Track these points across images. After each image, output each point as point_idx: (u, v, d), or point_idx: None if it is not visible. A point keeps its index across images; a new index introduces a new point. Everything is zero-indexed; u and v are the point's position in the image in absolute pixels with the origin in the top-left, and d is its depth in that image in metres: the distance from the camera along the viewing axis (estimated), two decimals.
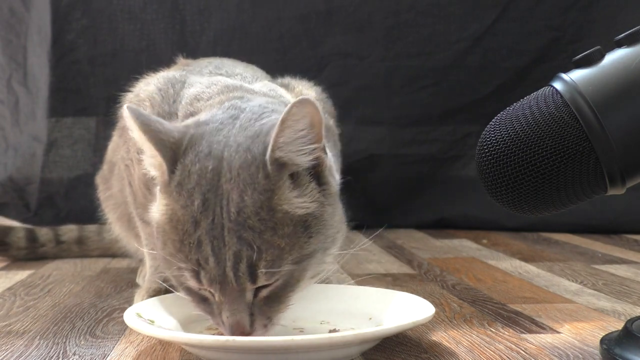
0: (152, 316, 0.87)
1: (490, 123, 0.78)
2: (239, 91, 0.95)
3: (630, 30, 0.74)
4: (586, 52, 0.75)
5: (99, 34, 2.01)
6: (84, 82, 2.02)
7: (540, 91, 0.77)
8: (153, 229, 0.83)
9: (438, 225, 1.97)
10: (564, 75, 0.75)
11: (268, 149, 0.76)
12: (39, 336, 0.93)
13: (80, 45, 2.01)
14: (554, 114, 0.74)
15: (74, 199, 1.99)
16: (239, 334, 0.77)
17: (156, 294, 1.01)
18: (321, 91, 1.15)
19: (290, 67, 1.70)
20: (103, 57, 2.02)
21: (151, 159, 0.81)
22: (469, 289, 1.18)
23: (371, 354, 0.82)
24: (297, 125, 0.76)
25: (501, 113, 0.78)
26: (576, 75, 0.74)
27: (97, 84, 2.01)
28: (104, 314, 1.04)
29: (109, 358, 0.84)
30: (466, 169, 2.00)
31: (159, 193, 0.82)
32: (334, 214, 0.83)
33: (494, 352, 0.83)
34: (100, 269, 1.41)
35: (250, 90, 0.96)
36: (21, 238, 1.52)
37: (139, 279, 1.24)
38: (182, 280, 0.79)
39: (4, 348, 0.88)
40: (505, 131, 0.75)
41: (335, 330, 0.89)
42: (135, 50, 2.01)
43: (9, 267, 1.44)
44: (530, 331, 0.92)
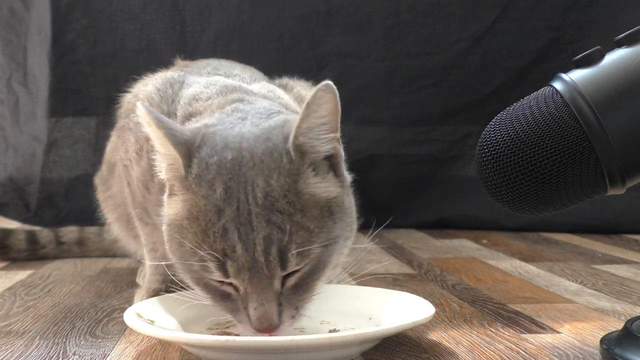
0: (152, 316, 0.87)
1: (490, 123, 0.78)
2: (238, 92, 0.95)
3: (630, 30, 0.74)
4: (586, 52, 0.75)
5: (99, 34, 2.01)
6: (84, 82, 2.02)
7: (540, 91, 0.77)
8: (163, 233, 0.82)
9: (438, 225, 1.97)
10: (564, 75, 0.75)
11: (290, 135, 0.77)
12: (39, 336, 0.93)
13: (80, 45, 2.01)
14: (554, 114, 0.74)
15: (74, 199, 1.99)
16: (266, 328, 0.76)
17: (156, 294, 1.01)
18: None
19: (290, 67, 1.70)
20: (103, 57, 2.02)
21: (165, 155, 0.79)
22: (469, 289, 1.18)
23: (371, 354, 0.82)
24: (321, 111, 0.77)
25: (501, 113, 0.78)
26: (576, 75, 0.74)
27: (97, 84, 2.01)
28: (104, 314, 1.04)
29: (109, 358, 0.84)
30: (466, 169, 2.00)
31: (169, 192, 0.81)
32: (351, 204, 0.84)
33: (494, 352, 0.83)
34: (100, 269, 1.41)
35: (249, 92, 0.96)
36: (21, 240, 1.52)
37: (139, 279, 1.24)
38: (204, 275, 0.77)
39: (4, 348, 0.88)
40: (505, 131, 0.75)
41: (335, 330, 0.89)
42: (135, 50, 2.01)
43: (9, 267, 1.44)
44: (530, 331, 0.92)
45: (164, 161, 0.80)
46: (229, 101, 0.91)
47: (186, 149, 0.78)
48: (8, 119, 2.15)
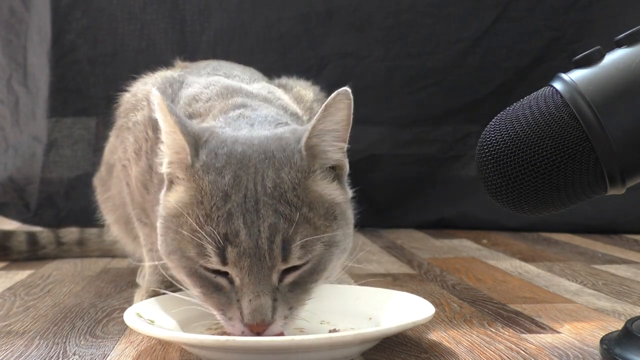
0: (152, 316, 0.87)
1: (490, 123, 0.78)
2: (239, 95, 0.95)
3: (630, 30, 0.74)
4: (586, 52, 0.75)
5: (99, 34, 2.01)
6: (84, 82, 2.02)
7: (540, 91, 0.77)
8: (160, 224, 0.81)
9: (438, 225, 1.97)
10: (564, 75, 0.75)
11: (304, 136, 0.78)
12: (39, 336, 0.93)
13: (80, 45, 2.01)
14: (554, 114, 0.74)
15: (74, 199, 1.99)
16: (258, 323, 0.74)
17: (156, 294, 1.01)
18: (319, 91, 1.15)
19: (290, 67, 1.70)
20: (103, 57, 2.02)
21: (172, 143, 0.79)
22: (469, 289, 1.18)
23: (371, 354, 0.82)
24: (337, 115, 0.78)
25: (501, 113, 0.78)
26: (576, 75, 0.74)
27: (97, 84, 2.01)
28: (104, 314, 1.04)
29: (109, 358, 0.84)
30: (466, 169, 2.00)
31: (164, 192, 0.81)
32: (352, 218, 0.84)
33: (494, 352, 0.83)
34: (100, 269, 1.41)
35: (250, 94, 0.96)
36: (22, 242, 1.52)
37: (139, 279, 1.23)
38: (200, 263, 0.76)
39: (4, 348, 0.88)
40: (505, 131, 0.75)
41: (335, 330, 0.89)
42: (135, 50, 2.01)
43: (9, 267, 1.44)
44: (530, 331, 0.92)
45: (170, 150, 0.80)
46: (231, 106, 0.91)
47: (194, 139, 0.79)
48: (8, 119, 2.15)
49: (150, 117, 0.98)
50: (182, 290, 0.86)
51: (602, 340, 0.80)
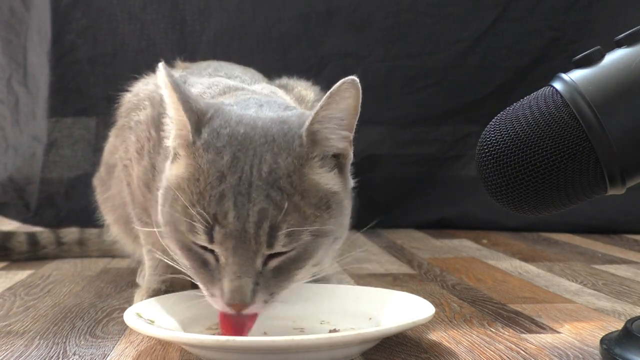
0: (152, 316, 0.87)
1: (490, 123, 0.78)
2: (243, 92, 0.95)
3: (630, 30, 0.74)
4: (586, 52, 0.75)
5: (99, 34, 2.01)
6: (84, 82, 2.02)
7: (540, 91, 0.77)
8: (160, 194, 0.82)
9: (438, 225, 1.97)
10: (564, 75, 0.75)
11: (307, 121, 0.78)
12: (39, 336, 0.93)
13: (80, 45, 2.01)
14: (554, 114, 0.74)
15: (74, 199, 1.99)
16: (237, 304, 0.75)
17: (156, 294, 1.01)
18: (319, 91, 1.15)
19: (290, 67, 1.70)
20: (103, 57, 2.02)
21: (176, 119, 0.80)
22: (469, 289, 1.18)
23: (371, 354, 0.82)
24: (341, 104, 0.78)
25: (501, 113, 0.78)
26: (576, 75, 0.74)
27: (97, 84, 2.01)
28: (104, 314, 1.04)
29: (109, 358, 0.84)
30: (466, 169, 2.00)
31: (170, 162, 0.81)
32: (349, 207, 0.84)
33: (494, 352, 0.83)
34: (100, 269, 1.41)
35: (253, 92, 0.96)
36: (22, 243, 1.52)
37: (139, 279, 1.23)
38: (189, 237, 0.76)
39: (4, 348, 0.88)
40: (505, 131, 0.75)
41: (335, 330, 0.89)
42: (135, 50, 2.01)
43: (9, 267, 1.44)
44: (530, 331, 0.92)
45: (174, 126, 0.81)
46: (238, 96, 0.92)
47: (197, 117, 0.79)
48: (8, 119, 2.15)
49: (153, 117, 0.98)
50: (182, 290, 0.86)
51: (602, 340, 0.80)
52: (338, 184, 0.81)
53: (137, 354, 0.85)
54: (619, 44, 0.75)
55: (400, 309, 0.89)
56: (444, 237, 1.81)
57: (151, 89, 1.02)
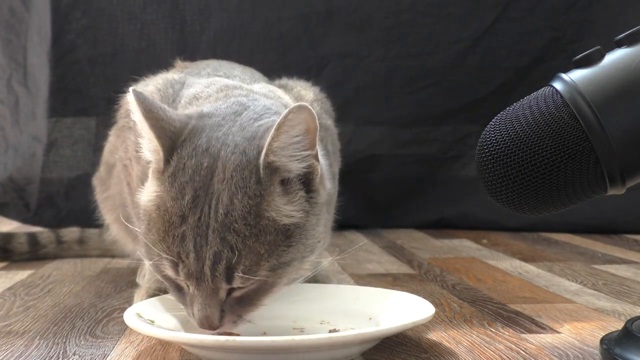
0: (152, 316, 0.87)
1: (490, 123, 0.78)
2: (239, 90, 0.95)
3: (630, 30, 0.74)
4: (586, 52, 0.75)
5: (99, 34, 2.01)
6: (84, 82, 2.02)
7: (540, 91, 0.77)
8: (140, 210, 0.84)
9: (438, 225, 1.97)
10: (564, 75, 0.75)
11: (262, 152, 0.77)
12: (39, 336, 0.93)
13: (80, 45, 2.01)
14: (554, 114, 0.74)
15: (74, 199, 1.99)
16: (208, 328, 0.79)
17: (156, 294, 1.01)
18: (319, 91, 1.15)
19: (290, 67, 1.70)
20: (103, 57, 2.01)
21: (149, 144, 0.82)
22: (469, 289, 1.18)
23: (371, 354, 0.82)
24: (293, 131, 0.77)
25: (501, 113, 0.78)
26: (576, 75, 0.74)
27: (97, 84, 2.01)
28: (104, 314, 1.04)
29: (109, 358, 0.84)
30: (466, 169, 2.00)
31: (151, 176, 0.83)
32: (318, 224, 0.84)
33: (494, 352, 0.83)
34: (100, 269, 1.41)
35: (250, 91, 0.96)
36: (23, 244, 1.52)
37: (139, 279, 1.23)
38: (161, 268, 0.80)
39: (4, 348, 0.88)
40: (505, 131, 0.75)
41: (335, 330, 0.89)
42: (135, 50, 2.01)
43: (9, 267, 1.44)
44: (530, 331, 0.92)
45: (148, 149, 0.82)
46: (230, 96, 0.92)
47: (170, 141, 0.80)
48: (8, 119, 2.15)
49: None
50: None
51: (602, 340, 0.80)
52: (302, 207, 0.80)
53: (137, 354, 0.85)
54: (619, 44, 0.75)
55: (400, 309, 0.89)
56: (444, 237, 1.81)
57: (151, 90, 1.02)
